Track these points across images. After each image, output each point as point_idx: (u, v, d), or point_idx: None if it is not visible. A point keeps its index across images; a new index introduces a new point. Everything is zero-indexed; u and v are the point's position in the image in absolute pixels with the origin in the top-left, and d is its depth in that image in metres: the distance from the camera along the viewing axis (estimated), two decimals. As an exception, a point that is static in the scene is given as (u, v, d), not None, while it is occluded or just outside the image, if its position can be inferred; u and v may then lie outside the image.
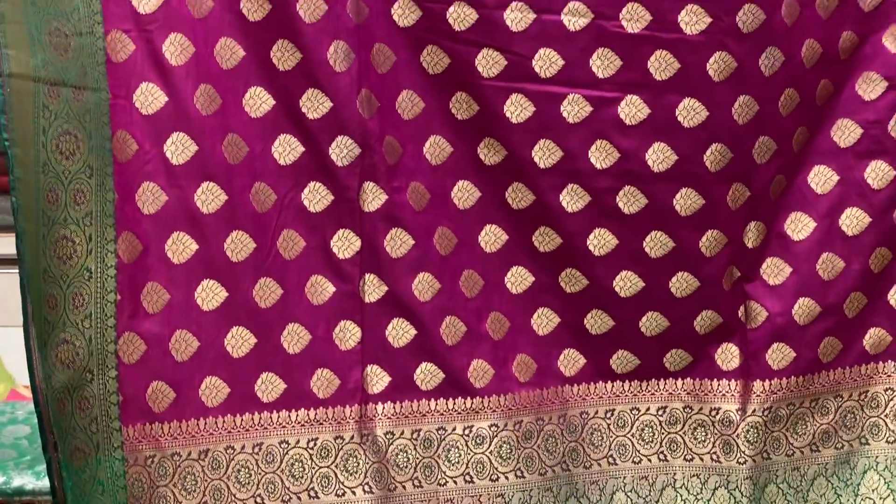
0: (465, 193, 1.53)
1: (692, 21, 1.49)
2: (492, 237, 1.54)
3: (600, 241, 1.55)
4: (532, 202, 1.54)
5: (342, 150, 1.48)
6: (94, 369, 1.36)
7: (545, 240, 1.55)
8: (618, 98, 1.52)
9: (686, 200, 1.55)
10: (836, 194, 1.58)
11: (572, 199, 1.54)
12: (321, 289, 1.49)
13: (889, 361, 1.62)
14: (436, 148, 1.52)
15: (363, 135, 1.48)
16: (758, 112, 1.52)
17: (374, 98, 1.48)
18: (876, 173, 1.56)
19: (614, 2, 1.50)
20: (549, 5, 1.50)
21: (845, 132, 1.56)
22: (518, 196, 1.54)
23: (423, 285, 1.52)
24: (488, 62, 1.50)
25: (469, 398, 1.55)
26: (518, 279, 1.55)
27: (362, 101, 1.47)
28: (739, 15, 1.48)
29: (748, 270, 1.59)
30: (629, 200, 1.54)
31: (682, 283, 1.56)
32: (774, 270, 1.58)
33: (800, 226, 1.58)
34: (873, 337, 1.62)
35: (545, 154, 1.53)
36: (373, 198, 1.50)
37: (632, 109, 1.52)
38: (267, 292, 1.47)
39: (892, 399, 1.62)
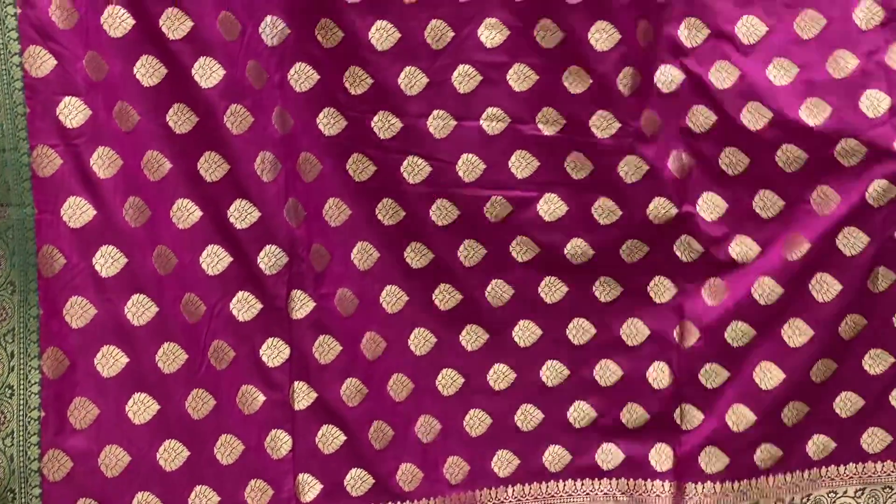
0: (393, 298, 1.54)
1: (602, 126, 1.54)
2: (421, 340, 1.56)
3: (525, 332, 1.58)
4: (459, 302, 1.56)
5: (270, 259, 1.48)
6: (15, 488, 1.33)
7: (473, 337, 1.56)
8: (537, 197, 1.56)
9: (605, 287, 1.58)
10: (777, 308, 1.59)
11: (497, 294, 1.56)
12: (252, 398, 1.48)
13: (832, 466, 1.62)
14: (363, 254, 1.53)
15: (291, 243, 1.49)
16: (676, 214, 1.55)
17: (300, 207, 1.50)
18: (821, 285, 1.58)
19: (530, 106, 1.55)
20: (469, 112, 1.55)
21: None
22: (445, 297, 1.55)
23: (352, 391, 1.53)
24: (413, 169, 1.54)
25: (398, 502, 1.53)
26: (448, 381, 1.56)
27: (289, 210, 1.49)
28: (641, 121, 1.54)
29: (681, 371, 1.60)
30: (551, 290, 1.57)
31: (605, 372, 1.59)
32: (711, 374, 1.59)
33: (740, 333, 1.59)
34: (816, 444, 1.61)
35: (470, 253, 1.55)
36: (300, 305, 1.50)
37: (550, 207, 1.55)
38: (200, 403, 1.46)
39: (835, 502, 1.62)
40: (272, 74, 1.49)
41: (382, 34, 1.50)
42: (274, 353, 1.50)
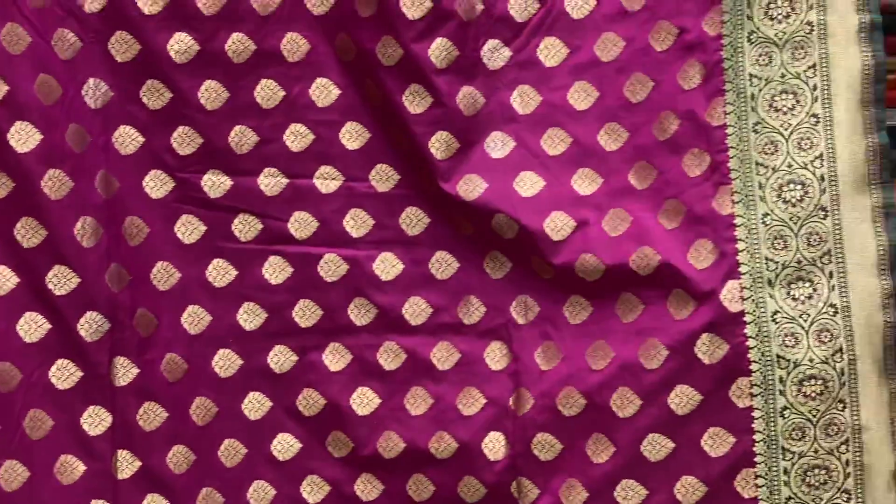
0: (226, 361, 1.51)
1: (431, 182, 1.53)
2: (255, 404, 1.52)
3: (363, 399, 1.53)
4: (294, 364, 1.53)
5: (91, 326, 1.46)
6: None
7: (309, 403, 1.53)
8: (372, 256, 1.53)
9: (443, 353, 1.54)
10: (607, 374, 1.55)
11: (335, 358, 1.53)
12: (71, 468, 1.45)
13: None
14: (194, 317, 1.51)
15: (113, 309, 1.47)
16: (511, 268, 1.53)
17: (124, 272, 1.47)
18: (648, 352, 1.53)
19: (363, 164, 1.54)
20: (302, 170, 1.53)
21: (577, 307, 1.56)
22: (281, 359, 1.52)
23: (179, 458, 1.49)
24: (245, 227, 1.52)
25: None
26: (284, 446, 1.53)
27: (112, 276, 1.46)
28: (459, 183, 1.52)
29: (517, 441, 1.55)
30: (389, 357, 1.53)
31: (442, 446, 1.53)
32: (545, 445, 1.53)
33: (571, 401, 1.54)
34: None
35: (305, 314, 1.52)
36: (124, 372, 1.47)
37: (385, 266, 1.53)
38: (13, 475, 1.42)
39: None
40: (96, 137, 1.48)
41: (212, 94, 1.49)
42: (95, 421, 1.47)
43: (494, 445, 1.54)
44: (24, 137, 1.42)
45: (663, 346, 1.49)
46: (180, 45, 1.49)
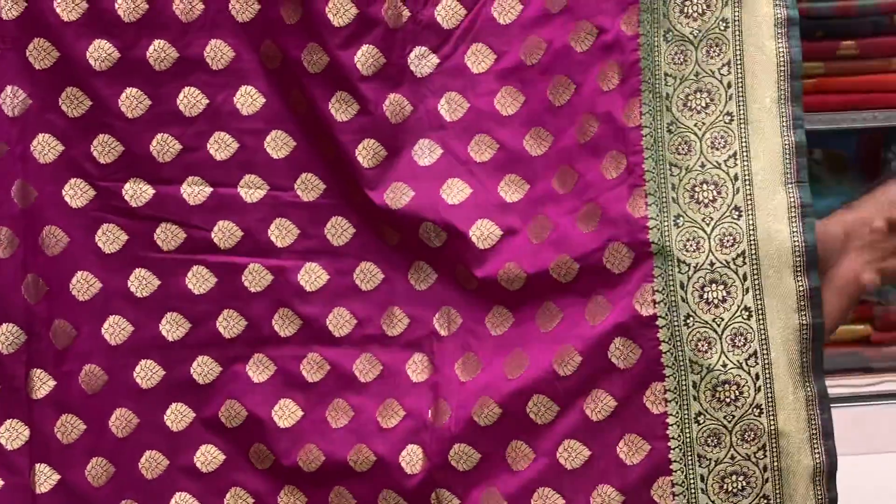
0: (148, 372, 1.50)
1: (356, 192, 1.52)
2: (178, 416, 1.50)
3: (285, 411, 1.52)
4: (218, 375, 1.51)
5: (7, 338, 1.44)
6: None
7: (231, 414, 1.51)
8: (297, 266, 1.51)
9: (366, 364, 1.53)
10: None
11: (258, 369, 1.51)
12: None
13: None
14: (115, 328, 1.49)
15: (29, 321, 1.45)
16: (436, 279, 1.52)
17: (41, 282, 1.46)
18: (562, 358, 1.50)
19: (289, 173, 1.53)
20: (226, 179, 1.51)
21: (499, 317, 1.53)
22: (204, 370, 1.51)
23: (98, 470, 1.47)
24: (167, 236, 1.50)
25: None
26: (207, 458, 1.51)
27: (28, 287, 1.45)
28: (386, 191, 1.51)
29: (434, 453, 1.52)
30: (312, 368, 1.52)
31: (360, 458, 1.51)
32: (462, 456, 1.50)
33: (487, 411, 1.51)
34: None
35: (229, 325, 1.51)
36: (41, 384, 1.46)
37: (311, 276, 1.51)
38: None
39: None
40: (13, 146, 1.46)
41: (133, 101, 1.48)
42: (12, 435, 1.45)
43: (412, 458, 1.51)
44: None
45: (577, 351, 1.46)
46: (100, 52, 1.47)
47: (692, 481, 1.46)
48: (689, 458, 1.46)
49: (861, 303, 2.97)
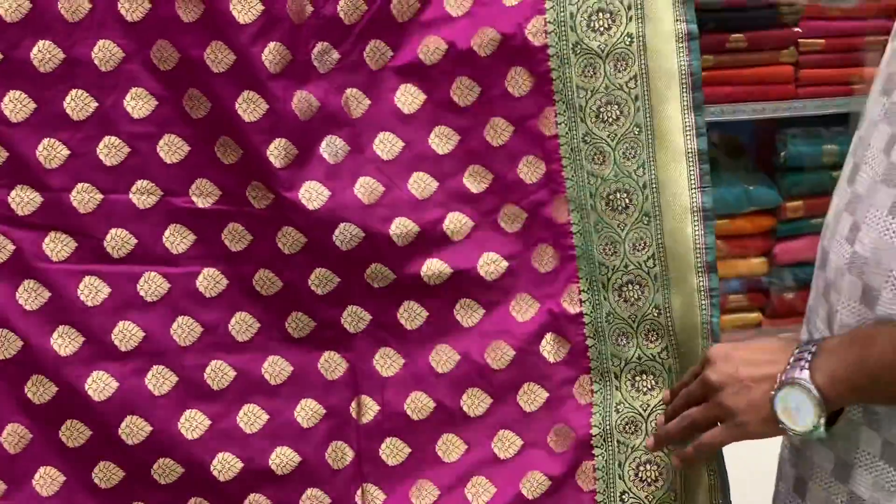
0: (39, 388, 1.45)
1: (258, 196, 1.48)
2: (74, 432, 1.47)
3: (192, 422, 1.49)
4: (115, 390, 1.46)
5: None
6: None
7: (132, 430, 1.46)
8: (195, 272, 1.47)
9: (274, 367, 1.52)
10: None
11: (158, 381, 1.47)
12: None
13: None
14: (3, 342, 1.44)
15: None
16: (339, 282, 1.51)
17: None
18: (495, 352, 1.54)
19: (183, 178, 1.48)
20: (117, 185, 1.46)
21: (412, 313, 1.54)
22: (100, 386, 1.46)
23: None
24: (57, 245, 1.44)
25: None
26: (106, 474, 1.47)
27: None
28: (301, 191, 1.48)
29: (361, 449, 1.54)
30: (217, 375, 1.50)
31: (283, 461, 1.50)
32: (392, 450, 1.53)
33: (420, 405, 1.53)
34: None
35: (125, 336, 1.46)
36: None
37: (209, 282, 1.48)
38: None
39: None
40: None
41: (17, 105, 1.41)
42: None
43: (338, 455, 1.52)
44: None
45: (509, 346, 1.53)
46: None
47: (611, 467, 1.54)
48: (610, 444, 1.55)
49: (755, 290, 3.04)
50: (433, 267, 1.51)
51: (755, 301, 3.05)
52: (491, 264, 1.53)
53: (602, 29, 1.49)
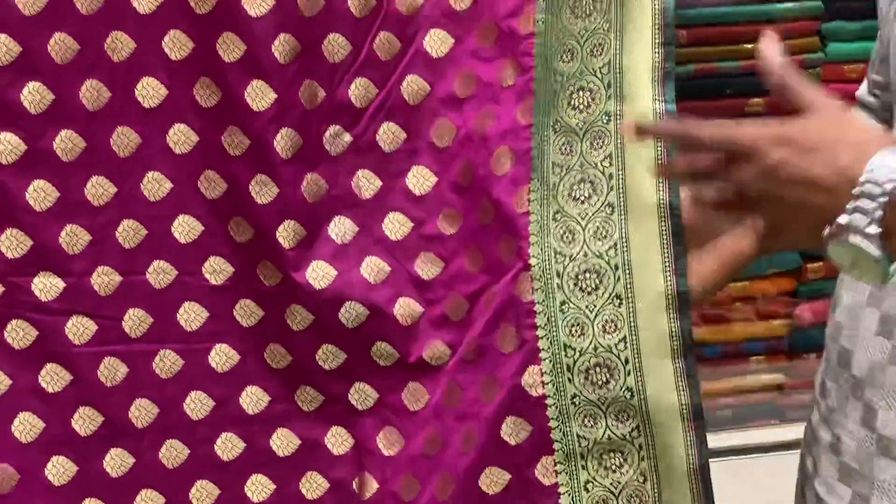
0: (59, 469, 1.50)
1: (268, 274, 1.53)
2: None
3: (202, 493, 1.53)
4: (131, 466, 1.50)
5: None
6: None
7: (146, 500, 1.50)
8: (207, 348, 1.53)
9: (282, 440, 1.57)
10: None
11: (171, 454, 1.51)
12: None
13: None
14: (26, 425, 1.48)
15: None
16: (346, 358, 1.55)
17: None
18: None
19: (196, 257, 1.54)
20: (134, 266, 1.51)
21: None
22: (117, 463, 1.50)
23: None
24: (78, 329, 1.49)
25: None
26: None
27: None
28: (308, 271, 1.52)
29: None
30: (227, 447, 1.54)
31: None
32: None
33: (410, 484, 1.55)
34: None
35: (141, 413, 1.51)
36: None
37: (221, 358, 1.54)
38: None
39: None
40: None
41: (41, 194, 1.46)
42: None
43: None
44: None
45: (476, 431, 1.52)
46: (6, 145, 1.46)
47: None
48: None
49: (776, 352, 3.04)
50: (436, 348, 1.54)
51: (776, 362, 3.05)
52: (469, 345, 1.53)
53: (581, 106, 1.51)
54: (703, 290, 1.49)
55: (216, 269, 1.54)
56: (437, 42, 1.57)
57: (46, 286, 1.49)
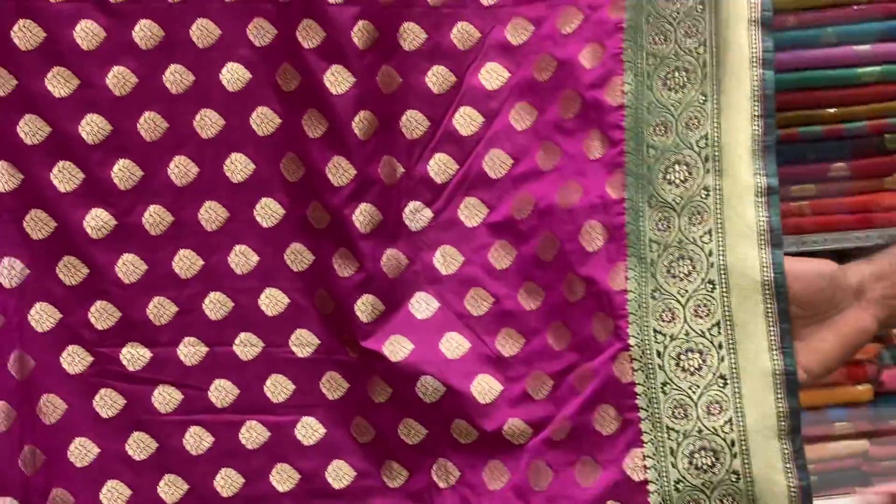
0: None
1: (352, 345, 1.55)
2: None
3: None
4: None
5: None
6: None
7: None
8: (294, 421, 1.54)
9: None
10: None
11: None
12: None
13: None
14: (113, 492, 1.51)
15: (26, 493, 1.46)
16: (427, 434, 1.56)
17: (38, 452, 1.47)
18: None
19: (283, 329, 1.55)
20: (221, 338, 1.54)
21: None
22: None
23: None
24: (165, 398, 1.51)
25: None
26: None
27: (25, 459, 1.46)
28: (385, 344, 1.52)
29: None
30: None
31: None
32: None
33: None
34: None
35: (227, 483, 1.52)
36: None
37: (307, 431, 1.54)
38: None
39: None
40: (10, 317, 1.48)
41: (129, 267, 1.50)
42: None
43: None
44: None
45: None
46: (97, 220, 1.50)
47: None
48: None
49: (861, 418, 2.98)
50: (515, 426, 1.52)
51: (861, 428, 2.99)
52: (559, 424, 1.51)
53: (678, 181, 1.50)
54: (824, 369, 1.45)
55: (303, 342, 1.56)
56: (519, 115, 1.58)
57: (134, 356, 1.52)
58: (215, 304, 1.53)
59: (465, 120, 1.56)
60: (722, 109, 1.49)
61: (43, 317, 1.49)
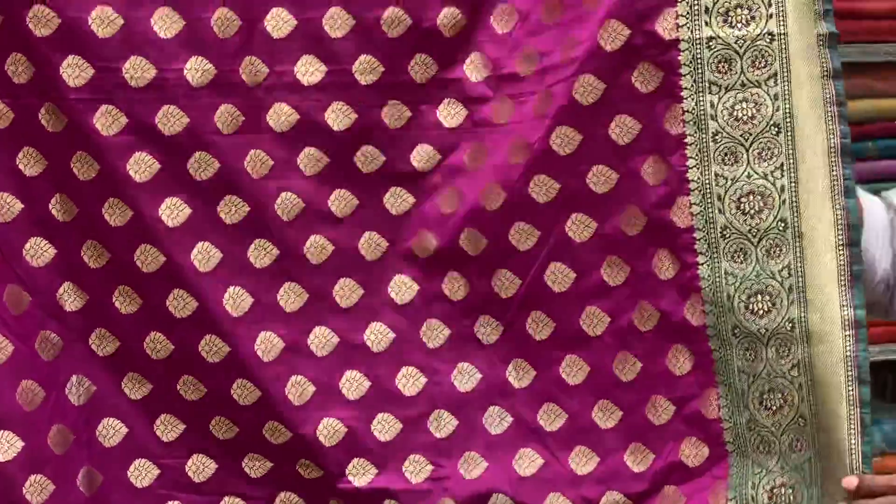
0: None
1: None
2: None
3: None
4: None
5: None
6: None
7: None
8: None
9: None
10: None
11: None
12: None
13: None
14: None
15: None
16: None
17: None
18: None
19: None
20: (303, 420, 1.54)
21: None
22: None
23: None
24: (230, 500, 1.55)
25: None
26: None
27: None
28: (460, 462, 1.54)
29: None
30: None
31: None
32: None
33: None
34: None
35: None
36: None
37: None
38: None
39: None
40: (79, 434, 1.50)
41: (189, 387, 1.52)
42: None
43: None
44: (5, 446, 1.44)
45: None
46: (156, 343, 1.51)
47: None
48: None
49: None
50: None
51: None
52: None
53: (762, 311, 1.47)
54: None
55: (360, 470, 1.54)
56: (578, 227, 1.55)
57: (199, 467, 1.54)
58: (297, 388, 1.52)
59: (522, 236, 1.54)
60: (804, 238, 1.47)
61: (110, 432, 1.52)
